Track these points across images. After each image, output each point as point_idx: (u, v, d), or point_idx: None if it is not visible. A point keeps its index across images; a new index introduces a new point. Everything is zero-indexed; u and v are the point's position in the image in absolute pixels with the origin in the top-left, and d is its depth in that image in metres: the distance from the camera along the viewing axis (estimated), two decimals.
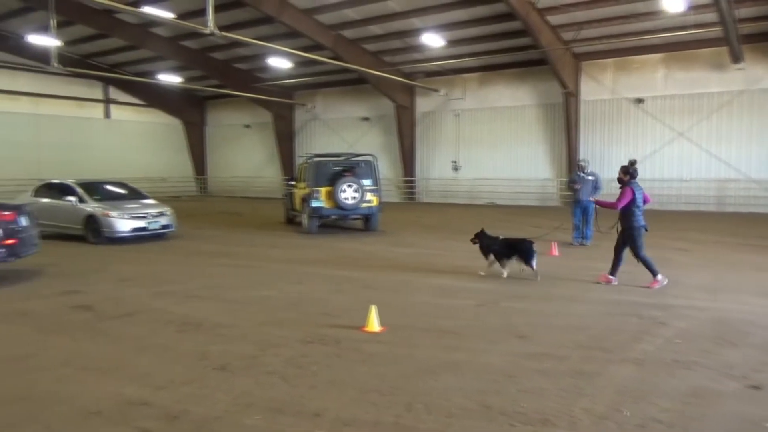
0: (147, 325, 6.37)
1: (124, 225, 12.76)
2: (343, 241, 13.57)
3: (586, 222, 12.31)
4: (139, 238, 13.04)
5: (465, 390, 4.35)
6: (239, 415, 3.99)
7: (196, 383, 4.59)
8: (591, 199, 9.93)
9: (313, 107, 30.24)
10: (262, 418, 3.94)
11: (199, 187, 34.57)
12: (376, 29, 22.21)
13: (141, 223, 13.02)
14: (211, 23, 14.75)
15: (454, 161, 26.20)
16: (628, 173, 8.07)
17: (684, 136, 20.97)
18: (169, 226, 13.64)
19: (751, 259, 10.55)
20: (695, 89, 20.63)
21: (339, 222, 15.78)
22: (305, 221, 14.78)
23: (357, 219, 15.45)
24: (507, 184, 24.49)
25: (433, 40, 20.97)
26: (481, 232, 9.07)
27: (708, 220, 17.41)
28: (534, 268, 8.56)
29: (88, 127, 29.79)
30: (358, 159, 15.59)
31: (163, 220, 13.47)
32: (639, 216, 7.94)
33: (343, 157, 15.92)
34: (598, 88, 22.45)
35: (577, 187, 12.31)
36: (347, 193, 14.19)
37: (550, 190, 23.89)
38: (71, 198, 13.17)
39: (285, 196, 17.71)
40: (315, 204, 14.25)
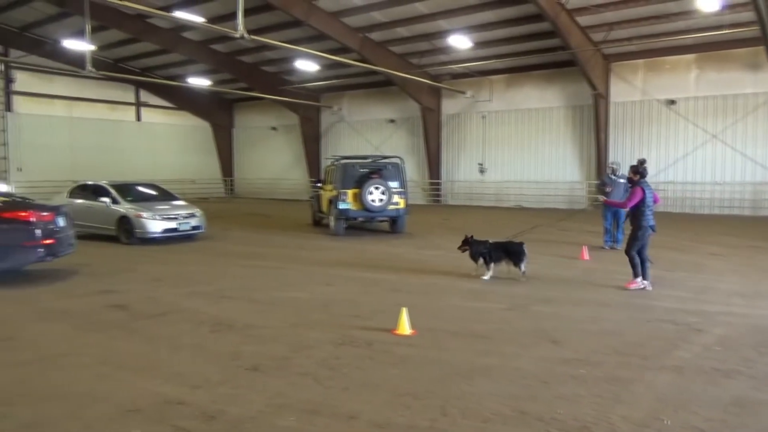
0: (180, 324, 6.47)
1: (156, 226, 12.98)
2: (369, 243, 13.59)
3: (618, 225, 12.11)
4: (170, 238, 13.25)
5: (499, 395, 4.31)
6: (274, 416, 4.02)
7: (230, 383, 4.64)
8: (601, 199, 9.69)
9: (340, 109, 30.39)
10: (297, 419, 3.96)
11: (227, 189, 35.00)
12: (402, 31, 22.23)
13: (172, 224, 13.23)
14: (241, 27, 14.92)
15: (481, 163, 26.05)
16: (638, 173, 8.02)
17: (717, 138, 20.50)
18: (199, 228, 13.84)
19: None
20: (729, 90, 20.15)
21: (366, 224, 15.81)
22: (332, 223, 14.84)
23: (384, 221, 15.46)
24: (534, 187, 24.25)
25: (460, 42, 20.90)
26: (471, 239, 9.03)
27: (743, 225, 16.97)
28: (522, 270, 8.62)
29: (120, 129, 30.44)
30: (386, 161, 15.61)
31: (193, 222, 13.67)
32: (648, 216, 7.91)
33: (370, 160, 15.96)
34: (629, 89, 22.09)
35: (608, 189, 12.12)
36: (374, 195, 14.21)
37: (579, 193, 23.57)
38: (105, 199, 13.46)
39: (312, 198, 17.82)
40: (342, 206, 14.30)
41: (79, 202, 13.83)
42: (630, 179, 8.17)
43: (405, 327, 5.95)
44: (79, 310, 7.15)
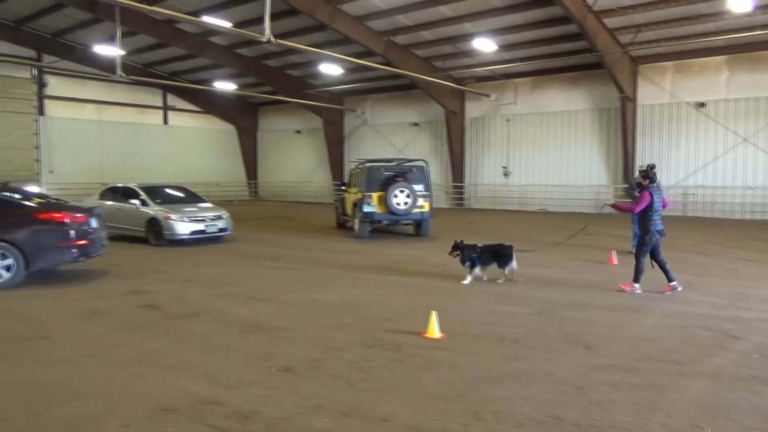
0: (211, 325, 6.54)
1: (184, 228, 13.16)
2: (394, 246, 13.58)
3: None
4: (198, 240, 13.42)
5: (533, 400, 4.27)
6: (308, 417, 4.04)
7: (263, 384, 4.67)
8: (608, 203, 9.56)
9: (363, 113, 30.48)
10: (331, 421, 3.97)
11: (251, 192, 35.34)
12: (427, 35, 22.23)
13: (200, 226, 13.41)
14: (267, 31, 15.07)
15: (505, 167, 25.88)
16: (648, 177, 8.08)
17: (749, 141, 20.06)
18: (226, 230, 13.99)
19: None
20: (761, 92, 19.71)
21: (390, 227, 15.82)
22: (357, 226, 14.89)
23: (408, 224, 15.45)
24: (559, 190, 24.00)
25: (485, 45, 20.82)
26: (461, 244, 9.03)
27: None
28: (514, 272, 8.74)
29: (147, 132, 30.97)
30: (410, 164, 15.61)
31: (220, 224, 13.83)
32: (656, 220, 7.94)
33: (395, 163, 15.98)
34: (657, 91, 21.75)
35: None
36: (399, 199, 14.22)
37: (605, 197, 23.19)
38: (134, 201, 13.69)
39: (336, 201, 17.89)
40: (367, 209, 14.34)
41: (109, 204, 14.08)
42: (639, 183, 8.24)
43: (435, 330, 5.93)
44: (113, 310, 7.28)
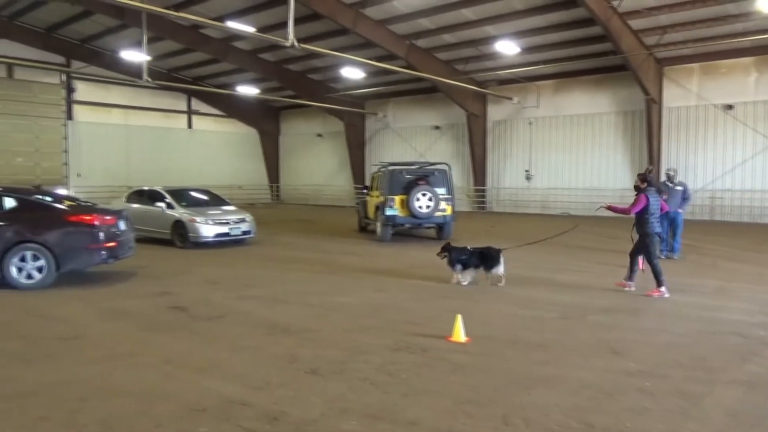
0: (238, 326, 6.61)
1: (209, 230, 13.32)
2: (417, 249, 13.57)
3: (674, 234, 11.74)
4: (222, 243, 13.56)
5: (562, 406, 4.23)
6: (336, 420, 4.05)
7: (290, 386, 4.70)
8: (603, 205, 9.47)
9: (384, 116, 30.53)
10: (358, 424, 3.98)
11: (273, 195, 35.61)
12: (449, 38, 22.21)
13: (224, 229, 13.55)
14: (291, 36, 15.21)
15: (527, 170, 25.69)
16: (646, 181, 8.27)
17: None
18: (249, 232, 14.12)
19: None
20: None
21: (412, 230, 15.80)
22: (379, 229, 14.90)
23: (430, 228, 15.43)
24: (582, 194, 23.73)
25: (507, 48, 20.72)
26: (448, 246, 9.19)
27: None
28: (502, 275, 8.80)
29: (172, 136, 31.41)
30: (432, 168, 15.59)
31: (243, 226, 13.96)
32: (653, 223, 8.09)
33: (417, 166, 15.97)
34: (683, 94, 21.40)
35: (664, 197, 11.73)
36: (421, 202, 14.21)
37: (630, 200, 22.89)
38: (160, 204, 13.90)
39: (358, 204, 17.94)
40: (389, 212, 14.35)
41: (136, 206, 14.29)
42: (636, 187, 8.36)
43: (460, 334, 5.91)
44: (142, 311, 7.40)
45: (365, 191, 17.03)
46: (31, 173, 25.83)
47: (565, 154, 24.51)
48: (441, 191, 14.57)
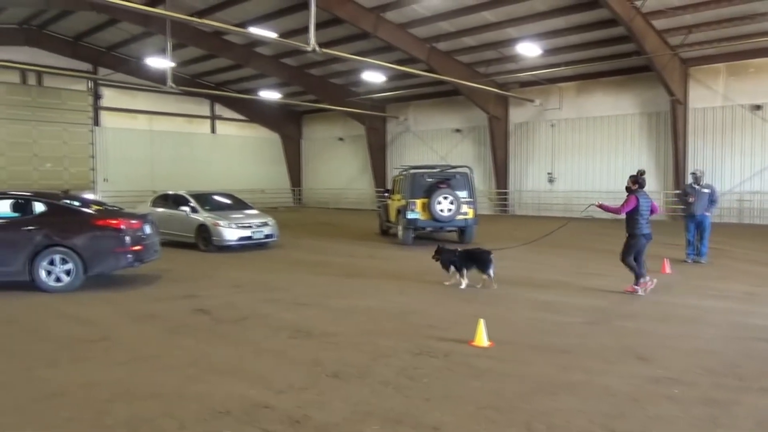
0: (260, 330, 6.66)
1: (232, 234, 13.46)
2: None
3: (701, 238, 11.51)
4: (245, 246, 13.69)
5: (587, 412, 4.17)
6: (358, 424, 4.06)
7: (313, 389, 4.73)
8: (594, 203, 9.35)
9: (405, 119, 30.55)
10: (381, 428, 3.98)
11: (295, 199, 35.85)
12: (470, 41, 22.14)
13: (247, 233, 13.68)
14: (312, 41, 15.31)
15: (550, 173, 25.46)
16: (637, 182, 8.40)
17: None
18: (272, 236, 14.23)
19: None
20: None
21: (434, 234, 15.76)
22: (401, 233, 14.89)
23: (452, 231, 15.37)
24: (606, 197, 23.15)
25: (529, 50, 20.58)
26: (439, 248, 9.36)
27: None
28: (491, 277, 8.88)
29: (196, 141, 31.85)
30: (454, 171, 15.54)
31: (266, 230, 14.08)
32: (642, 224, 8.28)
33: (439, 169, 15.94)
34: (709, 94, 21.01)
35: (691, 200, 11.53)
36: (443, 205, 14.16)
37: (656, 203, 22.56)
38: (185, 208, 14.09)
39: (380, 207, 17.95)
40: (411, 216, 14.33)
41: (161, 210, 14.52)
42: (628, 188, 8.49)
43: (482, 339, 5.88)
44: (167, 314, 7.50)
45: (386, 195, 17.05)
46: (59, 178, 26.49)
47: (588, 157, 24.23)
48: (463, 194, 14.51)
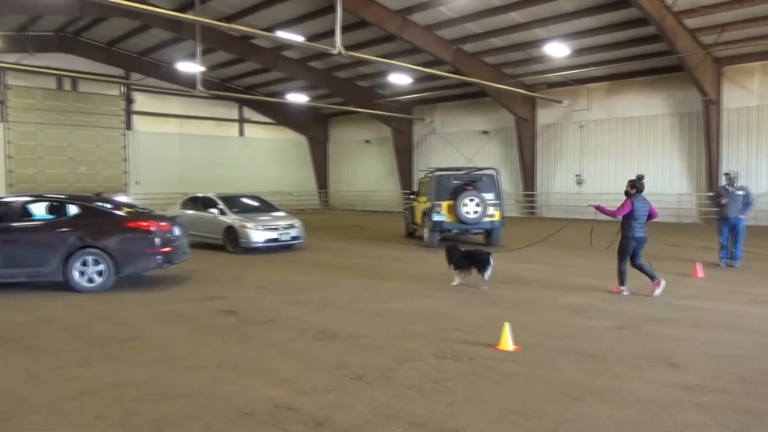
0: (286, 331, 6.71)
1: (259, 236, 13.60)
2: None
3: (735, 241, 11.19)
4: (271, 248, 13.82)
5: (614, 419, 4.09)
6: (381, 427, 4.05)
7: (336, 391, 4.74)
8: (591, 203, 9.49)
9: (432, 121, 30.48)
10: None
11: (322, 201, 36.08)
12: (497, 42, 21.98)
13: (273, 235, 13.81)
14: (338, 44, 15.41)
15: (578, 174, 25.10)
16: (635, 187, 8.54)
17: None
18: (298, 238, 14.34)
19: None
20: None
21: (460, 236, 15.67)
22: (426, 235, 14.86)
23: (478, 233, 15.27)
24: None
25: (557, 50, 20.33)
26: (448, 247, 9.72)
27: None
28: (486, 278, 9.05)
29: (224, 144, 32.33)
30: (480, 173, 15.44)
31: (292, 232, 14.20)
32: (636, 228, 8.43)
33: (465, 171, 15.85)
34: (744, 94, 20.46)
35: (724, 201, 11.22)
36: (469, 207, 14.09)
37: (687, 206, 22.10)
38: (213, 210, 14.29)
39: (405, 209, 17.94)
40: (436, 218, 14.29)
41: (190, 213, 14.75)
42: (626, 192, 8.62)
43: (508, 342, 5.82)
44: (194, 315, 7.62)
45: (412, 197, 17.03)
46: (93, 181, 27.19)
47: (617, 158, 23.81)
48: (489, 196, 14.41)
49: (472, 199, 14.09)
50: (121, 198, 20.26)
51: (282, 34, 19.13)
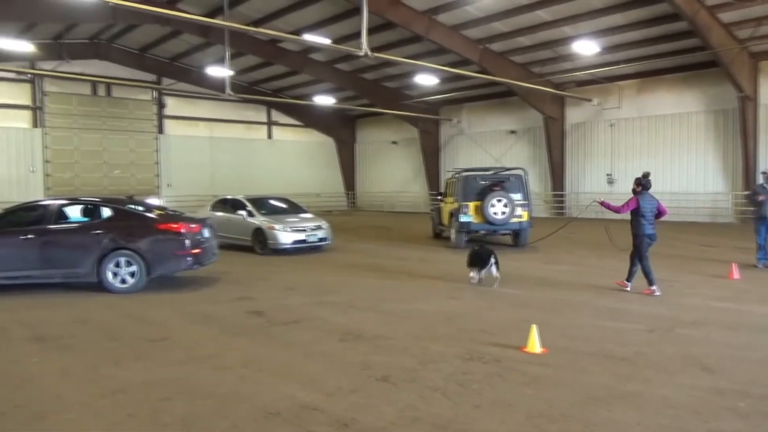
0: (312, 332, 6.75)
1: (287, 238, 13.72)
2: None
3: None
4: (299, 249, 13.93)
5: (645, 425, 4.00)
6: (405, 429, 4.04)
7: (361, 392, 4.75)
8: (596, 200, 9.52)
9: (459, 122, 30.32)
10: None
11: (349, 202, 36.22)
12: (524, 40, 21.75)
13: (301, 236, 13.91)
14: (365, 45, 15.45)
15: (609, 174, 24.65)
16: (641, 184, 8.58)
17: None
18: (326, 239, 14.41)
19: None
20: None
21: (487, 237, 15.55)
22: (453, 236, 14.77)
23: (506, 234, 15.12)
24: (670, 198, 22.28)
25: (586, 48, 20.01)
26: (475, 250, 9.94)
27: None
28: (495, 276, 9.30)
29: (253, 147, 32.73)
30: (508, 173, 15.29)
31: (320, 233, 14.28)
32: (645, 225, 8.44)
33: (492, 172, 15.72)
34: None
35: (761, 199, 10.87)
36: (496, 208, 13.96)
37: (723, 205, 21.49)
38: (242, 212, 14.47)
39: (432, 210, 17.87)
40: (463, 219, 14.20)
41: (220, 214, 14.94)
42: (633, 190, 8.67)
43: (535, 345, 5.74)
44: (223, 315, 7.73)
45: (439, 198, 16.95)
46: (127, 184, 27.84)
47: (650, 157, 23.27)
48: (517, 197, 14.25)
49: (499, 200, 13.96)
50: (152, 200, 20.69)
51: (309, 37, 19.27)
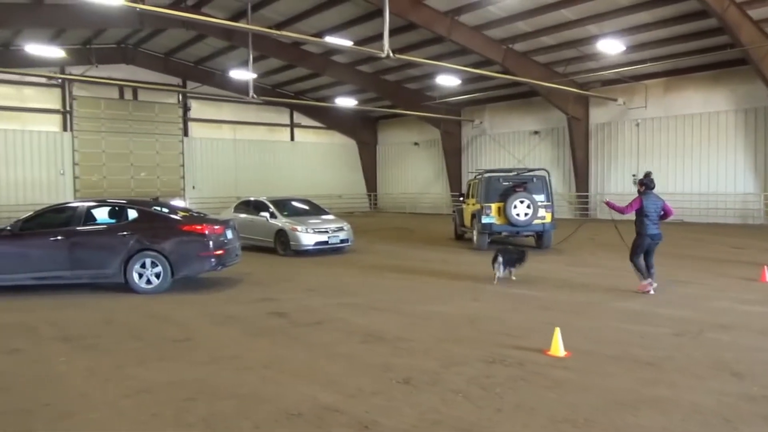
0: (334, 333, 6.76)
1: (309, 239, 13.78)
2: None
3: None
4: (321, 251, 13.98)
5: (672, 430, 3.91)
6: None
7: (382, 395, 4.73)
8: (604, 200, 9.69)
9: (481, 123, 30.15)
10: None
11: (371, 203, 36.27)
12: (547, 40, 21.53)
13: (323, 238, 13.96)
14: (386, 47, 15.46)
15: (635, 174, 24.16)
16: (644, 184, 8.67)
17: None
18: (347, 241, 14.45)
19: None
20: None
21: (510, 239, 15.42)
22: (475, 237, 14.68)
23: (529, 236, 14.98)
24: (698, 200, 22.01)
25: (611, 47, 19.72)
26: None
27: None
28: (495, 273, 9.77)
29: (276, 149, 32.99)
30: (530, 174, 15.14)
31: (342, 235, 14.31)
32: (648, 225, 8.52)
33: (515, 173, 15.59)
34: None
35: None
36: (519, 209, 13.84)
37: (754, 206, 20.98)
38: (264, 214, 14.58)
39: (454, 212, 17.79)
40: (486, 220, 14.11)
41: (243, 216, 15.08)
42: (637, 190, 8.79)
43: (558, 348, 5.66)
44: (245, 316, 7.79)
45: (461, 199, 16.87)
46: (153, 186, 28.29)
47: (677, 157, 22.88)
48: (540, 198, 14.12)
49: (522, 201, 13.84)
50: (177, 202, 20.97)
51: (331, 40, 19.38)
